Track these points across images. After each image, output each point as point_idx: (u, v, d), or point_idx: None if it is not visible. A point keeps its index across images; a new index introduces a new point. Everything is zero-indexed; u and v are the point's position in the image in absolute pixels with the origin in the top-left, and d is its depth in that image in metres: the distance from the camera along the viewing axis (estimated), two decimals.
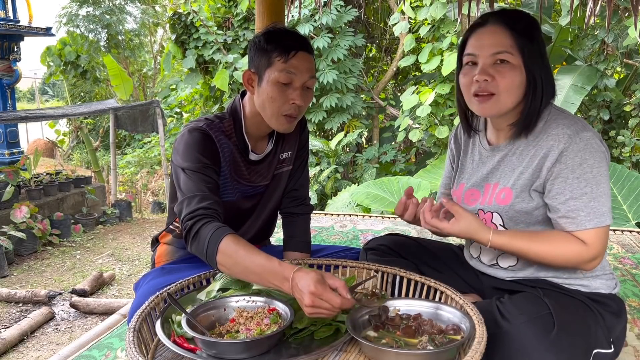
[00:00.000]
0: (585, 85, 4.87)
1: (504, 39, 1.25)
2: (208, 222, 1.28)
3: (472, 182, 1.43)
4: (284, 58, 1.38)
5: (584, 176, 1.21)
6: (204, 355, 1.07)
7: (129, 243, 5.42)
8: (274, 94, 1.39)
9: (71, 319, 3.55)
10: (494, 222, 1.36)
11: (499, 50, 1.25)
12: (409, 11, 6.06)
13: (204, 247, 1.25)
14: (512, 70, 1.25)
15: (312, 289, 1.08)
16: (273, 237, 2.90)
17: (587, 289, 1.30)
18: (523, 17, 1.29)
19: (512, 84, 1.25)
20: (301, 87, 1.41)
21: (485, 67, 1.26)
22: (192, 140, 1.41)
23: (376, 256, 1.56)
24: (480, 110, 1.30)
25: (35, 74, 15.93)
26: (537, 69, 1.26)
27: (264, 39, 1.42)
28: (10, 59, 6.40)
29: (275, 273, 1.17)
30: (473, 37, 1.30)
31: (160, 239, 1.69)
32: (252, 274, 1.21)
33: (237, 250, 1.22)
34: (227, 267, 1.24)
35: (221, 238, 1.23)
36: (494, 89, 1.25)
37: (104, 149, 10.18)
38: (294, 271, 1.14)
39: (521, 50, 1.24)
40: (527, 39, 1.25)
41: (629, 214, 3.71)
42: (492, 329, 1.11)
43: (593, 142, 1.22)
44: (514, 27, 1.25)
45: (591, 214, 1.21)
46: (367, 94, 7.22)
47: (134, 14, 11.13)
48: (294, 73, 1.39)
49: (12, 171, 5.29)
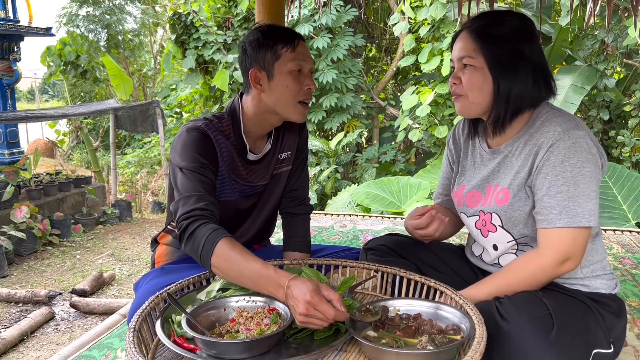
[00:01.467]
0: (585, 85, 4.87)
1: (467, 43, 1.31)
2: (204, 223, 1.28)
3: (473, 184, 1.43)
4: (291, 48, 1.42)
5: (563, 174, 1.21)
6: (204, 355, 1.07)
7: (129, 243, 5.42)
8: (290, 84, 1.43)
9: (71, 319, 3.55)
10: (493, 223, 1.36)
11: (462, 55, 1.31)
12: (409, 11, 6.06)
13: (199, 249, 1.25)
14: (474, 72, 1.29)
15: (308, 298, 1.09)
16: (273, 237, 2.90)
17: (587, 289, 1.30)
18: (497, 21, 1.30)
19: (474, 85, 1.30)
20: (309, 73, 1.47)
21: (456, 72, 1.34)
22: (190, 140, 1.41)
23: (376, 256, 1.56)
24: (456, 110, 1.39)
25: (35, 74, 15.94)
26: (501, 69, 1.27)
27: (261, 35, 1.43)
28: (10, 59, 6.40)
29: (270, 280, 1.17)
30: (454, 45, 1.37)
31: (160, 239, 1.69)
32: (246, 278, 1.22)
33: (233, 254, 1.22)
34: (221, 270, 1.25)
35: (217, 241, 1.24)
36: (460, 91, 1.33)
37: (104, 149, 10.17)
38: (289, 279, 1.15)
39: (482, 52, 1.28)
40: (486, 40, 1.28)
41: (629, 214, 3.71)
42: (492, 329, 1.11)
43: (582, 141, 1.22)
44: (480, 32, 1.29)
45: (563, 213, 1.20)
46: (367, 94, 7.22)
47: (134, 14, 11.13)
48: (303, 60, 1.44)
49: (12, 171, 5.29)
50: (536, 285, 1.26)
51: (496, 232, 1.36)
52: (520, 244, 1.34)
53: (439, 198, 1.65)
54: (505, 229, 1.34)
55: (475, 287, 1.30)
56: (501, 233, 1.35)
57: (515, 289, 1.25)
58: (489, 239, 1.39)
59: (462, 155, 1.52)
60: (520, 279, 1.25)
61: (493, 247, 1.40)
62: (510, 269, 1.28)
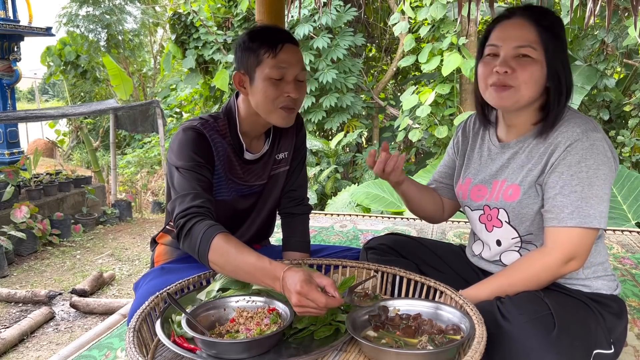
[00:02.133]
0: (585, 85, 4.87)
1: (528, 33, 1.25)
2: (200, 220, 1.29)
3: (480, 179, 1.42)
4: (272, 53, 1.38)
5: (578, 174, 1.21)
6: (204, 355, 1.07)
7: (129, 243, 5.42)
8: (268, 91, 1.39)
9: (71, 319, 3.55)
10: (499, 218, 1.36)
11: (522, 44, 1.24)
12: (409, 11, 6.06)
13: (196, 245, 1.26)
14: (534, 65, 1.24)
15: (298, 288, 1.09)
16: (273, 237, 2.90)
17: (588, 289, 1.30)
18: (549, 13, 1.29)
19: (532, 78, 1.24)
20: (294, 80, 1.41)
21: (506, 59, 1.25)
22: (186, 139, 1.42)
23: (376, 255, 1.56)
24: (496, 101, 1.29)
25: (35, 74, 15.93)
26: (560, 66, 1.26)
27: (248, 38, 1.42)
28: (10, 59, 6.40)
29: (266, 272, 1.18)
30: (497, 29, 1.30)
31: (158, 239, 1.69)
32: (243, 272, 1.23)
33: (229, 249, 1.23)
34: (219, 265, 1.25)
35: (213, 236, 1.24)
36: (513, 82, 1.25)
37: (104, 149, 10.18)
38: (284, 270, 1.15)
39: (545, 46, 1.24)
40: (551, 35, 1.25)
41: (629, 214, 3.71)
42: (493, 329, 1.11)
43: (599, 144, 1.22)
44: (539, 23, 1.25)
45: (575, 213, 1.20)
46: (367, 94, 7.22)
47: (134, 14, 11.13)
48: (284, 67, 1.39)
49: (12, 171, 5.29)
50: (539, 284, 1.25)
51: (501, 228, 1.36)
52: (525, 241, 1.34)
53: (433, 184, 1.64)
54: (512, 225, 1.34)
55: (478, 287, 1.30)
56: (507, 229, 1.35)
57: (518, 288, 1.25)
58: (493, 234, 1.39)
59: (469, 149, 1.51)
60: (524, 278, 1.25)
61: (496, 242, 1.39)
62: (514, 268, 1.28)
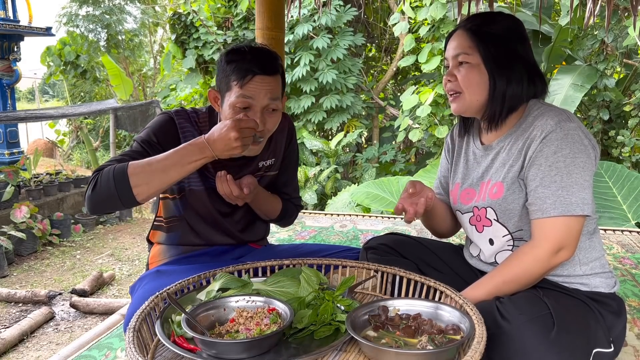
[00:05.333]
0: (585, 84, 4.87)
1: (462, 41, 1.33)
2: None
3: (469, 182, 1.45)
4: (240, 83, 1.35)
5: (556, 164, 1.22)
6: (203, 355, 1.07)
7: (129, 243, 5.43)
8: (228, 117, 1.37)
9: (71, 319, 3.55)
10: (488, 217, 1.37)
11: (457, 52, 1.33)
12: (409, 11, 6.06)
13: (111, 180, 1.24)
14: (471, 69, 1.31)
15: (229, 121, 1.21)
16: (273, 237, 2.91)
17: (587, 287, 1.30)
18: (494, 16, 1.34)
19: (471, 82, 1.32)
20: (261, 111, 1.38)
21: (451, 69, 1.36)
22: (154, 122, 1.48)
23: (376, 255, 1.56)
24: (452, 108, 1.40)
25: (35, 74, 15.92)
26: (497, 66, 1.30)
27: (225, 59, 1.40)
28: (10, 59, 6.41)
29: (189, 149, 1.24)
30: (448, 44, 1.39)
31: (152, 238, 1.67)
32: (171, 165, 1.24)
33: (145, 160, 1.26)
34: (143, 179, 1.24)
35: (126, 164, 1.26)
36: (458, 88, 1.35)
37: (104, 149, 10.18)
38: (202, 137, 1.24)
39: (478, 50, 1.30)
40: (482, 38, 1.30)
41: (629, 214, 3.71)
42: (492, 329, 1.11)
43: (574, 133, 1.23)
44: (473, 29, 1.32)
45: (557, 202, 1.21)
46: (367, 94, 7.22)
47: (134, 14, 11.14)
48: (251, 98, 1.36)
49: (12, 171, 5.30)
50: (532, 278, 1.26)
51: (491, 227, 1.37)
52: (516, 238, 1.35)
53: None
54: (501, 222, 1.35)
55: (474, 287, 1.31)
56: (496, 227, 1.36)
57: (513, 284, 1.26)
58: (484, 234, 1.40)
59: (455, 155, 1.54)
60: (516, 274, 1.26)
61: (489, 241, 1.40)
62: (506, 265, 1.29)
